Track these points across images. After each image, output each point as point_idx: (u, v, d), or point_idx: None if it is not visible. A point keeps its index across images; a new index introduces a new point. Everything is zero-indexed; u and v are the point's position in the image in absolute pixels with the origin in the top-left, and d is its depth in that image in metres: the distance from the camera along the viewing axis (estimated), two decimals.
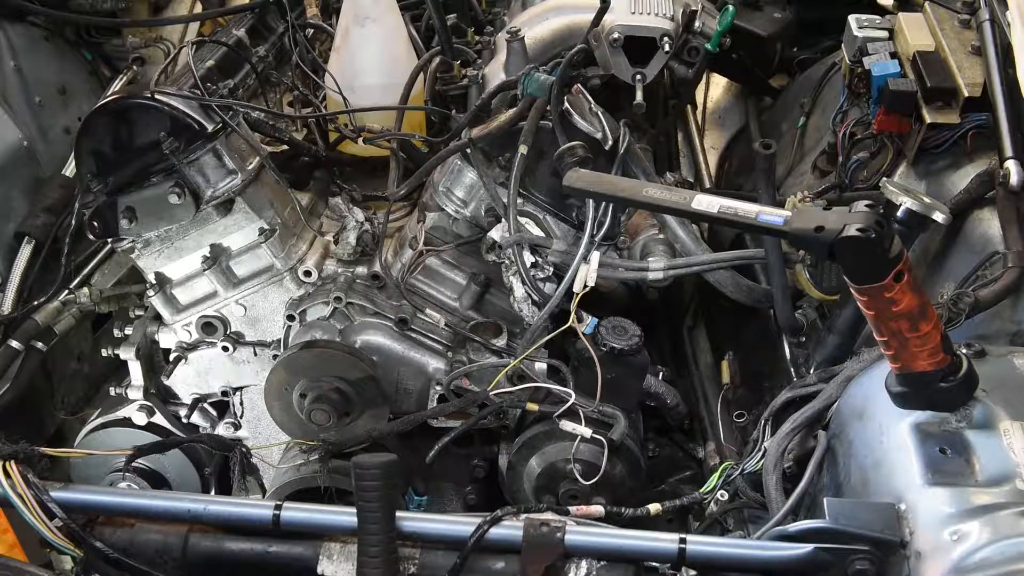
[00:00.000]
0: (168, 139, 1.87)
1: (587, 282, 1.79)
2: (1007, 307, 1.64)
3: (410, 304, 2.01)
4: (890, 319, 1.17)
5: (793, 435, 1.54)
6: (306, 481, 1.88)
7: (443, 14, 2.33)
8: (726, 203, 1.21)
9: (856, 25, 2.09)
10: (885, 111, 1.89)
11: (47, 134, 2.50)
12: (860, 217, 1.10)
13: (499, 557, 1.22)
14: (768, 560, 1.18)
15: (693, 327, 2.38)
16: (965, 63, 1.87)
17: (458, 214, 2.00)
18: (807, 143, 2.37)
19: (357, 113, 2.19)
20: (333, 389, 1.90)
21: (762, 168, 1.75)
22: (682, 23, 2.08)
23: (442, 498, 2.11)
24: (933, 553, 1.10)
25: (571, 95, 1.87)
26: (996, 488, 1.15)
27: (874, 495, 1.24)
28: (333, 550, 1.24)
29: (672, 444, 2.18)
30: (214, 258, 2.00)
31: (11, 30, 2.51)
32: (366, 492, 1.18)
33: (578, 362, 1.83)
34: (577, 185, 1.44)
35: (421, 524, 1.24)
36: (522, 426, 1.87)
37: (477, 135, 1.90)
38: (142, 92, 1.92)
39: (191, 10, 2.82)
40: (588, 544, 1.22)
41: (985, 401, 1.27)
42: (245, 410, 2.16)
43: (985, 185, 1.75)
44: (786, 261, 1.77)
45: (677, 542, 1.21)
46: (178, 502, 1.27)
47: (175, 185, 1.91)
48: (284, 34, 2.44)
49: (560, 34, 2.12)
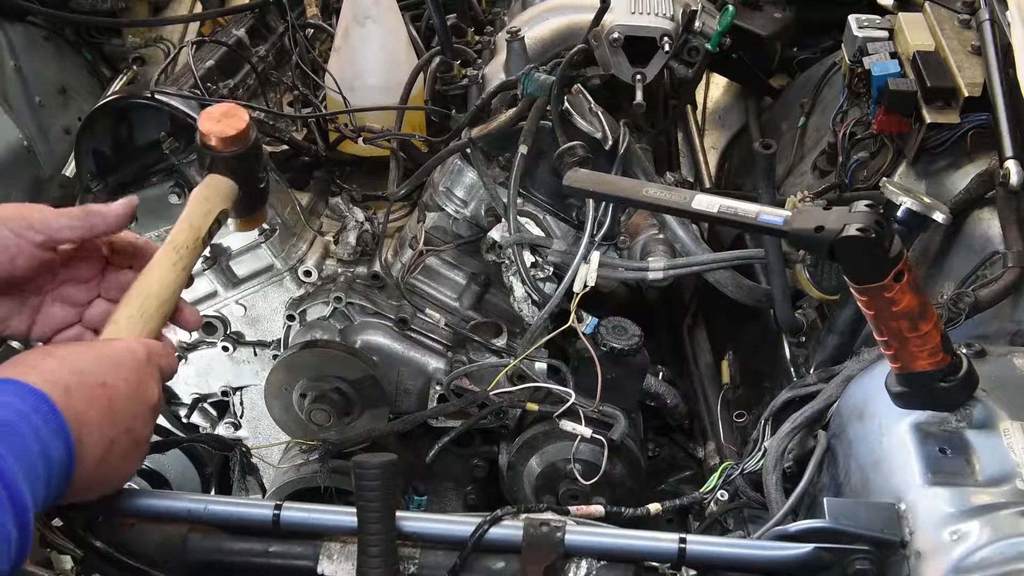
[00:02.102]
0: (168, 139, 1.87)
1: (587, 282, 1.79)
2: (1007, 307, 1.64)
3: (410, 304, 2.01)
4: (890, 319, 1.17)
5: (793, 435, 1.54)
6: (306, 481, 1.88)
7: (443, 14, 2.33)
8: (726, 203, 1.21)
9: (856, 25, 2.09)
10: (885, 111, 1.89)
11: (47, 134, 2.50)
12: (860, 217, 1.10)
13: (499, 557, 1.22)
14: (768, 560, 1.18)
15: (693, 327, 2.38)
16: (965, 63, 1.87)
17: (458, 214, 2.00)
18: (807, 143, 2.37)
19: (357, 113, 2.19)
20: (333, 389, 1.90)
21: (762, 168, 1.75)
22: (682, 23, 2.08)
23: (442, 498, 2.10)
24: (933, 553, 1.10)
25: (571, 95, 1.87)
26: (996, 488, 1.15)
27: (874, 495, 1.24)
28: (333, 550, 1.24)
29: (672, 444, 2.18)
30: (214, 258, 2.00)
31: (11, 30, 2.51)
32: (366, 492, 1.18)
33: (578, 362, 1.83)
34: (577, 185, 1.44)
35: (421, 524, 1.23)
36: (522, 426, 1.87)
37: (477, 135, 1.90)
38: (142, 92, 1.92)
39: (191, 10, 2.82)
40: (588, 544, 1.21)
41: (985, 401, 1.27)
42: (245, 410, 2.16)
43: (985, 185, 1.75)
44: (786, 261, 1.77)
45: (677, 542, 1.20)
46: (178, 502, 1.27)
47: (175, 185, 1.91)
48: (284, 34, 2.44)
49: (560, 34, 2.12)
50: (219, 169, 1.33)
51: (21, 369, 1.01)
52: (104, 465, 1.05)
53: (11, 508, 0.90)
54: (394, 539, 1.19)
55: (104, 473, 1.06)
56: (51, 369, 1.02)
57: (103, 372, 1.06)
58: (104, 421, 1.04)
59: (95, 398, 1.04)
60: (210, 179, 1.33)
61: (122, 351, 1.11)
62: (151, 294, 1.19)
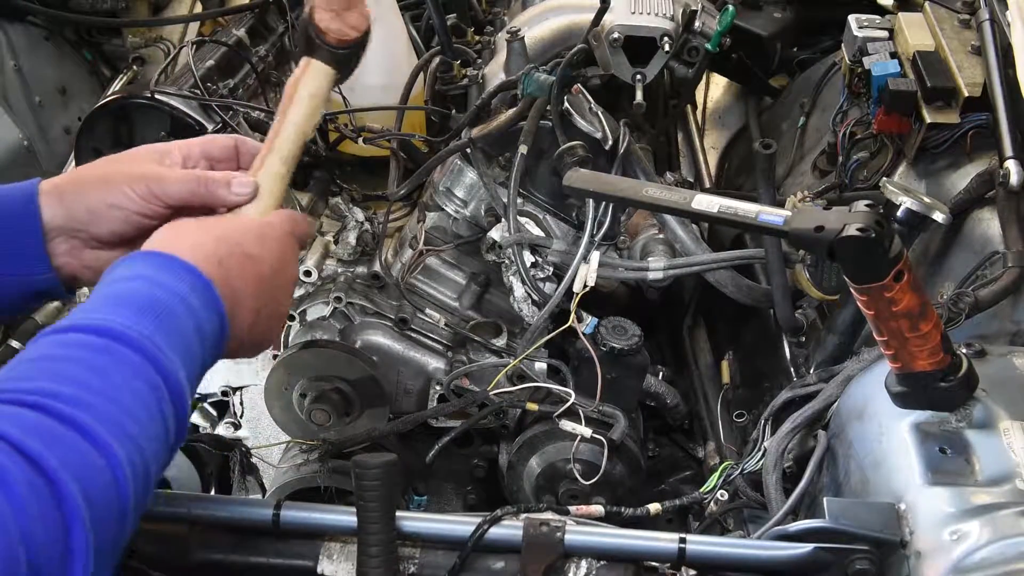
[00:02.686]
0: (168, 139, 1.87)
1: (587, 282, 1.79)
2: (1007, 307, 1.64)
3: (410, 304, 2.01)
4: (890, 319, 1.17)
5: (793, 435, 1.54)
6: (306, 481, 1.88)
7: (443, 14, 2.33)
8: (726, 203, 1.21)
9: (856, 25, 2.09)
10: (885, 111, 1.89)
11: (47, 134, 2.50)
12: (860, 217, 1.10)
13: (499, 557, 1.22)
14: (768, 560, 1.18)
15: (693, 327, 2.37)
16: (965, 63, 1.87)
17: (458, 214, 2.00)
18: (807, 143, 2.37)
19: (357, 113, 2.19)
20: (333, 389, 1.90)
21: (762, 168, 1.75)
22: (682, 23, 2.07)
23: (442, 498, 2.10)
24: (933, 553, 1.10)
25: (571, 95, 1.87)
26: (996, 488, 1.15)
27: (874, 495, 1.24)
28: (333, 550, 1.24)
29: (672, 444, 2.18)
30: None
31: (11, 30, 2.51)
32: (366, 492, 1.18)
33: (578, 362, 1.83)
34: (577, 185, 1.44)
35: (421, 524, 1.24)
36: (522, 426, 1.87)
37: (477, 135, 1.90)
38: (142, 92, 1.92)
39: (191, 10, 2.82)
40: (588, 544, 1.22)
41: (985, 401, 1.27)
42: (245, 410, 2.16)
43: (985, 185, 1.75)
44: (786, 261, 1.77)
45: (677, 542, 1.20)
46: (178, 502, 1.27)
47: None
48: (284, 34, 2.44)
49: (560, 34, 2.12)
50: (324, 58, 1.26)
51: (173, 242, 1.07)
52: (252, 333, 1.11)
53: (170, 400, 0.95)
54: (394, 539, 1.19)
55: (251, 340, 1.12)
56: (202, 243, 1.07)
57: (249, 244, 1.11)
58: (253, 292, 1.09)
59: (245, 270, 1.09)
60: (314, 67, 1.26)
61: (264, 224, 1.16)
62: (272, 171, 1.22)
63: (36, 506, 0.79)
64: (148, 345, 0.95)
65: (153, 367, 0.94)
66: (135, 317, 0.96)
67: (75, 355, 0.92)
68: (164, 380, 0.95)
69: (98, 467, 0.85)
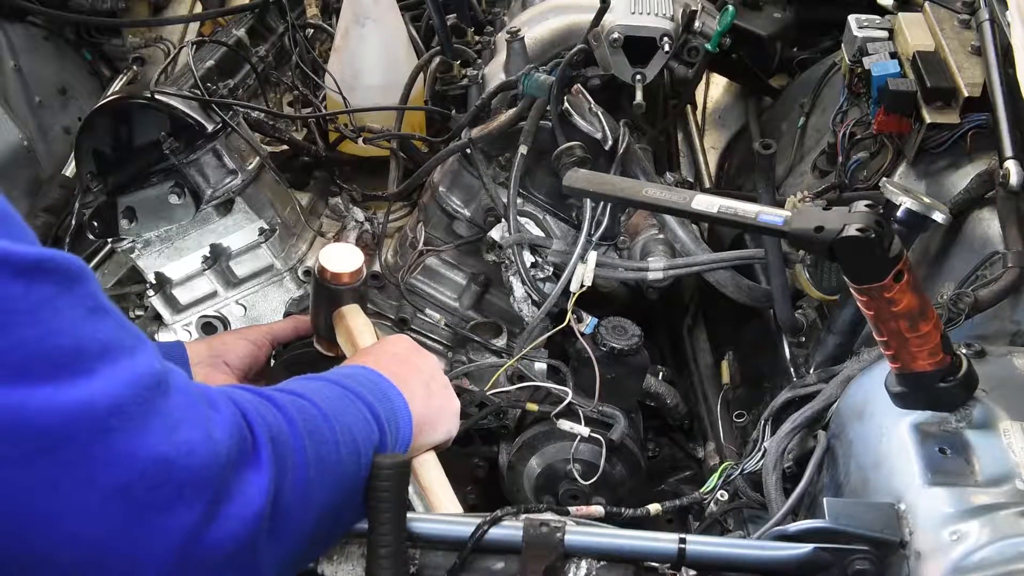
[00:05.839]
0: (168, 139, 1.87)
1: (584, 281, 1.79)
2: (1007, 307, 1.64)
3: (410, 304, 2.01)
4: (890, 319, 1.17)
5: (793, 435, 1.54)
6: None
7: (443, 14, 2.33)
8: (726, 203, 1.21)
9: (856, 25, 2.09)
10: (885, 111, 1.88)
11: (47, 134, 2.50)
12: (860, 217, 1.10)
13: (499, 557, 1.22)
14: (768, 560, 1.18)
15: (693, 327, 2.37)
16: (965, 63, 1.87)
17: (458, 214, 2.00)
18: (807, 143, 2.37)
19: (357, 113, 2.19)
20: None
21: (762, 168, 1.75)
22: (682, 23, 2.07)
23: None
24: (933, 553, 1.10)
25: (571, 95, 1.87)
26: (996, 488, 1.15)
27: (874, 495, 1.24)
28: (333, 550, 1.24)
29: (672, 444, 2.18)
30: (214, 258, 2.00)
31: (11, 30, 2.51)
32: (379, 492, 1.17)
33: (578, 362, 1.83)
34: (576, 185, 1.44)
35: (421, 524, 1.23)
36: (522, 426, 1.87)
37: (477, 135, 1.90)
38: (142, 92, 1.92)
39: (191, 10, 2.82)
40: (588, 544, 1.21)
41: (985, 401, 1.27)
42: None
43: (985, 185, 1.75)
44: (786, 261, 1.77)
45: (677, 542, 1.20)
46: None
47: (175, 185, 1.91)
48: (284, 34, 2.44)
49: (560, 34, 2.12)
50: (347, 300, 1.61)
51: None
52: (432, 400, 1.38)
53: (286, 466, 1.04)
54: (404, 539, 1.19)
55: (437, 406, 1.40)
56: (357, 359, 1.42)
57: (388, 350, 1.43)
58: (410, 372, 1.36)
59: (396, 361, 1.37)
60: (348, 310, 1.60)
61: (385, 340, 1.52)
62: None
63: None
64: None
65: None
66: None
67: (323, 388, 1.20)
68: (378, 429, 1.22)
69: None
